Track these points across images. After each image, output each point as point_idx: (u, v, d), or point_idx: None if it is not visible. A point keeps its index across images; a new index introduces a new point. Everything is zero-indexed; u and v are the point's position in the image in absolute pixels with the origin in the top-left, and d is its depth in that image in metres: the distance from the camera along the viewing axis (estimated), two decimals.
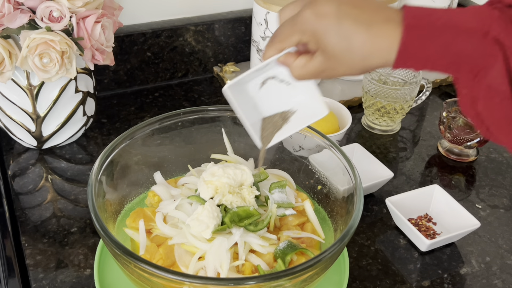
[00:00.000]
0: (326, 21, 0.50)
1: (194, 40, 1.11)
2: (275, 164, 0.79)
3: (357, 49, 0.50)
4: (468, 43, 0.48)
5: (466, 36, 0.47)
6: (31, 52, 0.74)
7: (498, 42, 0.47)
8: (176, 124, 0.74)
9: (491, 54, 0.47)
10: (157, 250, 0.62)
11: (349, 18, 0.49)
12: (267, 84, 0.61)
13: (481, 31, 0.47)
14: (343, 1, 0.51)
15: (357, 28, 0.49)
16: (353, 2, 0.51)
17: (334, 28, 0.50)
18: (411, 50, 0.49)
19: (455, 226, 0.78)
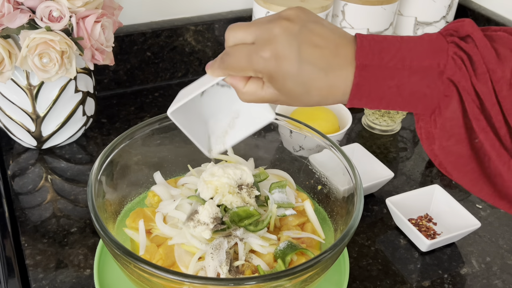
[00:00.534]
0: (286, 65, 0.48)
1: (194, 40, 1.11)
2: (275, 164, 0.79)
3: (314, 93, 0.49)
4: (423, 83, 0.46)
5: (420, 76, 0.46)
6: (30, 52, 0.74)
7: (452, 82, 0.46)
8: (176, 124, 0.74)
9: (446, 95, 0.46)
10: (157, 250, 0.62)
11: (309, 65, 0.48)
12: (209, 92, 0.60)
13: (436, 70, 0.46)
14: (303, 40, 0.48)
15: (316, 75, 0.48)
16: (313, 41, 0.48)
17: (293, 75, 0.48)
18: (364, 89, 0.47)
19: (456, 226, 0.78)
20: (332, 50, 0.48)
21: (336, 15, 1.08)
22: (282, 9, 0.98)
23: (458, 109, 0.46)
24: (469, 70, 0.45)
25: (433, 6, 1.15)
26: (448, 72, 0.46)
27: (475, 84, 0.45)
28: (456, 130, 0.47)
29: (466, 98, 0.46)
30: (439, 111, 0.47)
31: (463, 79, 0.45)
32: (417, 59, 0.46)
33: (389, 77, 0.46)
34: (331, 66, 0.48)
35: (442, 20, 1.17)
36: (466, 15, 1.27)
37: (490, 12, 1.22)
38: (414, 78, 0.46)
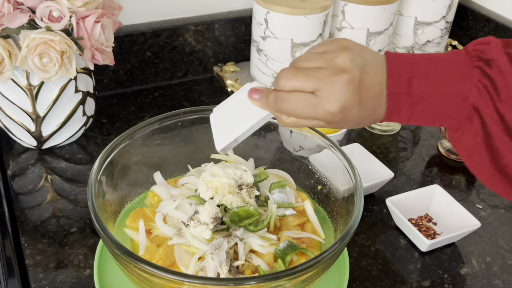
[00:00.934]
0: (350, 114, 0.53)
1: (194, 40, 1.11)
2: (275, 164, 0.79)
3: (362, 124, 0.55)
4: (448, 107, 0.51)
5: (446, 101, 0.51)
6: (30, 52, 0.74)
7: (475, 108, 0.50)
8: (176, 124, 0.74)
9: (469, 118, 0.50)
10: (157, 250, 0.62)
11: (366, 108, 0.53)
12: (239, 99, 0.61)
13: (461, 96, 0.50)
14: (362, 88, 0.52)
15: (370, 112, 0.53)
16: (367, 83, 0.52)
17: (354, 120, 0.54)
18: (394, 114, 0.53)
19: (456, 226, 0.78)
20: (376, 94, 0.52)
21: (336, 15, 1.08)
22: (282, 9, 0.98)
23: (480, 133, 0.50)
24: (493, 96, 0.49)
25: (433, 6, 1.15)
26: (471, 99, 0.50)
27: (499, 108, 0.49)
28: (477, 151, 0.51)
29: (489, 123, 0.49)
30: (462, 131, 0.52)
31: (486, 107, 0.49)
32: (443, 85, 0.50)
33: (417, 102, 0.51)
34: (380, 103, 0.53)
35: (442, 20, 1.17)
36: (466, 15, 1.27)
37: (490, 12, 1.22)
38: (440, 103, 0.51)
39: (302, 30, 1.00)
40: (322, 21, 1.01)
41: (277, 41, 1.02)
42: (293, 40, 1.01)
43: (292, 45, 1.02)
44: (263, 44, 1.04)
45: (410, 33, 1.18)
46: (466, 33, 1.28)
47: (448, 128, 0.54)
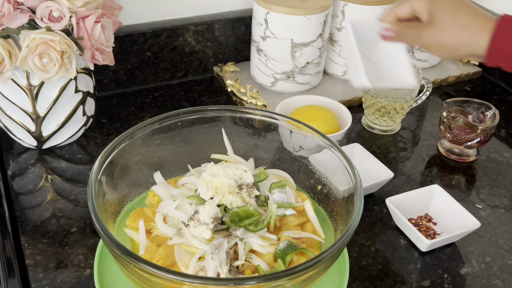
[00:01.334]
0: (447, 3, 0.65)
1: (194, 40, 1.11)
2: (275, 164, 0.79)
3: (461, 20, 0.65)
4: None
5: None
6: (31, 52, 0.74)
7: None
8: (176, 124, 0.74)
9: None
10: (157, 250, 0.62)
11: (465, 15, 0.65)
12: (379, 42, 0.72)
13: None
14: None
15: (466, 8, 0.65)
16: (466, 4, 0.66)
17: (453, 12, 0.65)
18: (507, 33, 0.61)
19: (455, 226, 0.78)
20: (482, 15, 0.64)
21: (336, 15, 1.08)
22: (282, 9, 0.98)
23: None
24: None
25: None
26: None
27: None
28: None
29: None
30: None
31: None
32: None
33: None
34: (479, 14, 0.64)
35: None
36: None
37: (490, 12, 1.22)
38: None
39: (302, 30, 1.00)
40: (322, 21, 1.01)
41: (277, 41, 1.02)
42: (293, 40, 1.01)
43: (292, 45, 1.02)
44: (263, 44, 1.04)
45: None
46: None
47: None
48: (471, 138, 0.92)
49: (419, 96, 1.03)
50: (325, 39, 1.05)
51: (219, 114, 0.75)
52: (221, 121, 0.76)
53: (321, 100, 0.98)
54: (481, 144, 0.93)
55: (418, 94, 1.06)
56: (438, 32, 0.65)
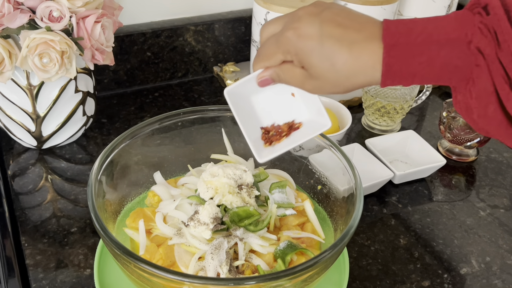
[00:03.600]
0: (309, 42, 0.50)
1: (194, 40, 1.11)
2: (275, 164, 0.79)
3: (340, 69, 0.50)
4: (453, 55, 0.47)
5: (450, 48, 0.47)
6: (31, 52, 0.74)
7: (480, 51, 0.46)
8: (176, 124, 0.74)
9: (476, 64, 0.46)
10: (157, 250, 0.62)
11: (332, 39, 0.49)
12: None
13: (464, 41, 0.46)
14: (325, 19, 0.50)
15: (339, 48, 0.49)
16: (336, 20, 0.50)
17: (316, 49, 0.50)
18: (395, 68, 0.48)
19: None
20: (356, 28, 0.49)
21: None
22: (282, 9, 0.98)
23: (489, 77, 0.46)
24: (493, 38, 0.45)
25: (433, 6, 1.15)
26: (475, 41, 0.46)
27: (497, 53, 0.45)
28: (492, 98, 0.47)
29: (491, 67, 0.46)
30: (473, 81, 0.47)
31: (488, 47, 0.45)
32: (444, 32, 0.47)
33: (418, 53, 0.47)
34: (355, 40, 0.49)
35: None
36: None
37: None
38: (444, 51, 0.47)
39: None
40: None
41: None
42: None
43: None
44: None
45: None
46: None
47: (456, 85, 0.49)
48: (471, 138, 0.92)
49: (419, 96, 1.03)
50: None
51: (219, 114, 0.75)
52: (221, 121, 0.76)
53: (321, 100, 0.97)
54: (481, 144, 0.93)
55: (418, 94, 1.06)
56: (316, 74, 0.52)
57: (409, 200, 0.86)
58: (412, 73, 0.48)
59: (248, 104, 0.61)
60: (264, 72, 0.56)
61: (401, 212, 0.84)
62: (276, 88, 0.59)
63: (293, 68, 0.54)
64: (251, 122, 0.61)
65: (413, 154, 0.93)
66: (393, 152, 0.93)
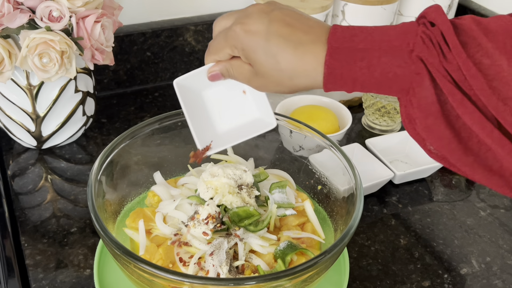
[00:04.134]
0: (255, 38, 0.51)
1: (194, 40, 1.11)
2: (275, 164, 0.79)
3: (284, 68, 0.50)
4: (393, 62, 0.47)
5: (391, 56, 0.47)
6: (30, 52, 0.74)
7: (421, 60, 0.46)
8: (176, 124, 0.74)
9: (417, 72, 0.46)
10: (157, 250, 0.62)
11: (278, 37, 0.50)
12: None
13: (406, 50, 0.47)
14: (275, 18, 0.51)
15: (284, 47, 0.50)
16: (285, 20, 0.51)
17: (262, 46, 0.51)
18: (337, 72, 0.49)
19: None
20: (303, 29, 0.50)
21: (336, 15, 1.08)
22: None
23: (430, 86, 0.46)
24: (437, 48, 0.46)
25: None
26: (417, 50, 0.46)
27: (442, 62, 0.45)
28: (432, 108, 0.47)
29: (436, 74, 0.46)
30: (413, 90, 0.47)
31: (430, 57, 0.45)
32: (387, 40, 0.47)
33: (360, 58, 0.47)
34: (301, 41, 0.50)
35: None
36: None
37: (490, 12, 1.22)
38: (385, 58, 0.47)
39: None
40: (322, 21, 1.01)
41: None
42: None
43: None
44: None
45: None
46: None
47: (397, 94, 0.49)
48: None
49: None
50: None
51: None
52: None
53: (321, 100, 0.97)
54: None
55: None
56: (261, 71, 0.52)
57: (409, 200, 0.86)
58: (353, 78, 0.48)
59: (199, 98, 0.61)
60: (214, 66, 0.57)
61: (401, 212, 0.84)
62: (227, 84, 0.60)
63: (241, 64, 0.54)
64: (200, 115, 0.61)
65: (413, 154, 0.93)
66: (393, 152, 0.93)
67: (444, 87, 0.45)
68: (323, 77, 0.49)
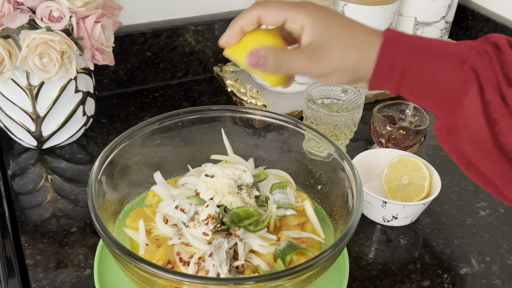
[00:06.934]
0: (332, 15, 0.50)
1: (194, 40, 1.11)
2: (275, 164, 0.79)
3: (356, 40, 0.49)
4: (444, 66, 0.47)
5: (443, 59, 0.47)
6: (31, 52, 0.74)
7: (474, 70, 0.46)
8: (176, 124, 0.74)
9: (466, 81, 0.46)
10: (157, 250, 0.62)
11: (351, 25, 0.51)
12: None
13: (459, 58, 0.47)
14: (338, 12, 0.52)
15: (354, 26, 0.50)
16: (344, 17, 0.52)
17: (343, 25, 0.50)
18: (388, 63, 0.48)
19: None
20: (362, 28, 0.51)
21: None
22: None
23: (478, 97, 0.46)
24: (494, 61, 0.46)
25: (433, 6, 1.15)
26: (470, 60, 0.46)
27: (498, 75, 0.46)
28: (477, 117, 0.46)
29: (487, 87, 0.45)
30: (459, 99, 0.47)
31: (483, 69, 0.46)
32: (442, 46, 0.48)
33: (413, 54, 0.47)
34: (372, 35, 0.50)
35: (442, 20, 1.17)
36: (466, 15, 1.27)
37: (490, 12, 1.22)
38: (436, 60, 0.47)
39: None
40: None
41: None
42: None
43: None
44: None
45: (410, 33, 1.18)
46: (466, 33, 1.28)
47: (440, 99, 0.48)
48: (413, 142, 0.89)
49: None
50: None
51: (219, 114, 0.75)
52: (221, 121, 0.76)
53: None
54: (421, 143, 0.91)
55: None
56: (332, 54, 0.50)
57: None
58: (402, 71, 0.48)
59: None
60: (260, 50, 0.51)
61: None
62: None
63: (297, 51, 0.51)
64: None
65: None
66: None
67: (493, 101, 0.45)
68: (373, 68, 0.49)
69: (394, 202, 0.75)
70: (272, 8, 0.51)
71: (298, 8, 0.50)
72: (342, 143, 0.92)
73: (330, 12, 0.51)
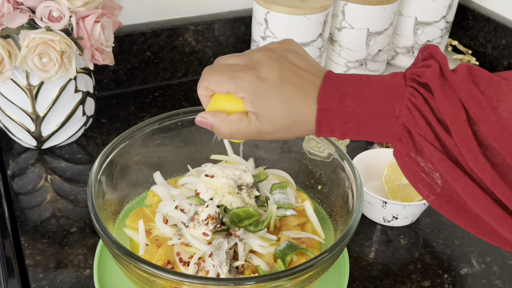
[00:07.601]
0: (268, 85, 0.51)
1: (194, 40, 1.11)
2: (275, 164, 0.79)
3: (295, 114, 0.51)
4: (380, 125, 0.49)
5: (377, 119, 0.49)
6: (30, 52, 0.74)
7: (407, 128, 0.47)
8: (176, 124, 0.74)
9: (400, 138, 0.48)
10: (156, 251, 0.62)
11: (290, 84, 0.51)
12: None
13: (392, 115, 0.48)
14: (285, 66, 0.52)
15: (296, 94, 0.51)
16: (293, 68, 0.52)
17: (275, 92, 0.51)
18: (327, 129, 0.51)
19: None
20: (310, 78, 0.51)
21: (336, 15, 1.08)
22: (282, 9, 0.98)
23: (412, 152, 0.48)
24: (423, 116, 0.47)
25: (433, 6, 1.15)
26: (402, 118, 0.47)
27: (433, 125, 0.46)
28: (411, 172, 0.48)
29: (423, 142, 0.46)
30: (397, 149, 0.49)
31: (413, 127, 0.47)
32: (374, 104, 0.48)
33: (348, 120, 0.49)
34: (309, 89, 0.51)
35: (442, 20, 1.17)
36: (466, 15, 1.27)
37: (490, 12, 1.22)
38: (371, 121, 0.49)
39: (302, 30, 1.00)
40: (322, 21, 1.01)
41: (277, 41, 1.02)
42: None
43: None
44: (263, 44, 1.04)
45: (410, 33, 1.18)
46: (466, 33, 1.28)
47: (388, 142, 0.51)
48: None
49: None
50: (325, 39, 1.05)
51: None
52: None
53: None
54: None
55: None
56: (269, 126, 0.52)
57: None
58: (342, 133, 0.51)
59: None
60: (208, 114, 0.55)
61: None
62: None
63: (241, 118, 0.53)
64: None
65: None
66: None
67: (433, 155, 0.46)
68: (315, 131, 0.51)
69: (395, 202, 0.75)
70: (215, 82, 0.53)
71: (238, 81, 0.52)
72: (342, 143, 0.92)
73: (271, 83, 0.51)
